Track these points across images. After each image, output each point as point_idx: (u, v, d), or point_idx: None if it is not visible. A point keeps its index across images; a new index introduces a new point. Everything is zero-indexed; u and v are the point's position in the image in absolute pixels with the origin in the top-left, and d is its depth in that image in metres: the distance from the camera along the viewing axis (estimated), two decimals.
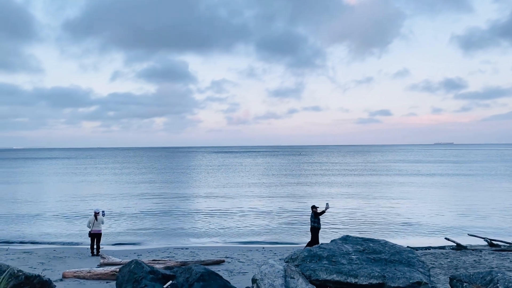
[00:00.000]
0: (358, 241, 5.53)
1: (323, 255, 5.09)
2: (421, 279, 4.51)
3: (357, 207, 30.05)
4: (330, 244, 5.45)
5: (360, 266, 4.77)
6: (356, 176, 58.10)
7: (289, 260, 5.40)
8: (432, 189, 41.57)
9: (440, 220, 25.06)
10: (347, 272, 4.71)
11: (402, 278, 4.48)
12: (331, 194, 38.21)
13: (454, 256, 15.22)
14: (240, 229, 23.21)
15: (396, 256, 4.97)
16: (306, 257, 5.16)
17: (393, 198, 35.07)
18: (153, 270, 5.44)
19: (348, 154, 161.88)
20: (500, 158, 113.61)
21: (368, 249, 5.20)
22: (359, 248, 5.24)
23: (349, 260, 4.90)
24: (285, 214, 27.40)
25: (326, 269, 4.86)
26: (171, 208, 30.56)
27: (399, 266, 4.71)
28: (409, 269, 4.67)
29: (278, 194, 38.55)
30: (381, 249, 5.17)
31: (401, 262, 4.84)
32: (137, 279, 5.09)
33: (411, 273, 4.56)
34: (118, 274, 5.53)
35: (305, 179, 54.51)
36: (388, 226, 23.32)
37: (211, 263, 14.95)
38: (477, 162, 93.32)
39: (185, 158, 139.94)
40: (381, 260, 4.90)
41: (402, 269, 4.64)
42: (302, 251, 5.44)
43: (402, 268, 4.68)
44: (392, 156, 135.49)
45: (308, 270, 4.97)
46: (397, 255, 4.97)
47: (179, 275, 5.35)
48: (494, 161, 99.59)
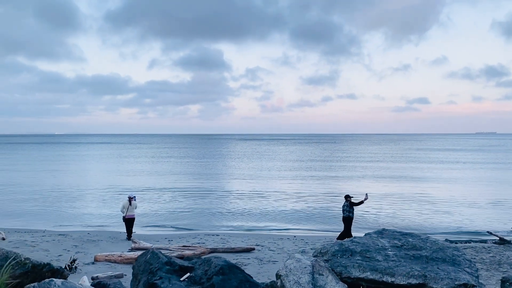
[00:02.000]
0: (396, 235, 5.04)
1: (356, 250, 4.66)
2: (468, 280, 4.03)
3: (392, 197, 29.16)
4: (364, 238, 5.00)
5: (398, 264, 4.31)
6: (392, 165, 56.59)
7: (318, 254, 4.99)
8: (473, 179, 39.85)
9: (482, 213, 23.91)
10: (382, 269, 4.26)
11: (446, 279, 4.01)
12: (366, 183, 37.34)
13: (497, 251, 14.37)
14: (272, 216, 22.98)
15: (439, 253, 4.48)
16: (337, 251, 4.74)
17: (431, 188, 33.83)
18: (170, 261, 5.20)
19: (385, 143, 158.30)
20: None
21: (407, 245, 4.72)
22: (397, 243, 4.76)
23: (385, 257, 4.44)
24: (318, 202, 26.93)
25: (359, 266, 4.44)
26: (205, 194, 30.73)
27: (442, 265, 4.23)
28: (454, 269, 4.17)
29: (311, 181, 38.04)
30: (421, 245, 4.68)
31: (445, 260, 4.36)
32: (152, 270, 4.86)
33: (457, 273, 4.06)
34: (134, 264, 5.35)
35: (339, 167, 53.59)
36: (426, 218, 22.45)
37: (241, 250, 14.80)
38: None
39: (219, 145, 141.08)
40: (421, 257, 4.42)
41: (446, 269, 4.15)
42: (333, 245, 5.01)
43: (446, 267, 4.19)
44: (431, 145, 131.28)
45: (339, 266, 4.55)
46: (440, 252, 4.48)
47: (197, 267, 5.09)
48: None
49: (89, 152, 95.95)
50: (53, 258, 13.80)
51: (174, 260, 5.28)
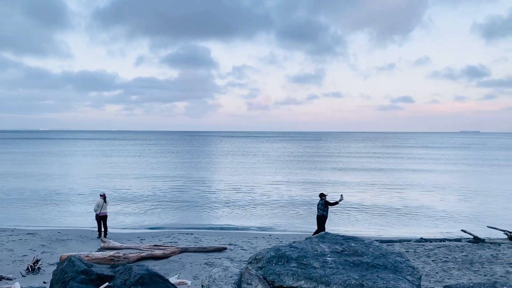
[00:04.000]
0: (338, 239, 4.70)
1: (293, 256, 4.31)
2: None
3: (370, 195, 29.13)
4: (304, 243, 4.66)
5: (335, 271, 3.98)
6: (373, 163, 56.82)
7: (253, 261, 4.64)
8: (452, 177, 40.14)
9: (458, 211, 23.96)
10: (318, 278, 3.92)
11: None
12: (345, 182, 37.30)
13: (470, 250, 14.30)
14: (250, 214, 22.69)
15: (380, 259, 4.17)
16: (272, 258, 4.40)
17: (408, 186, 33.94)
18: (86, 270, 4.83)
19: (369, 141, 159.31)
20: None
21: (348, 250, 4.40)
22: (338, 248, 4.43)
23: (322, 263, 4.11)
24: (297, 200, 26.73)
25: (294, 274, 4.08)
26: (184, 191, 30.28)
27: (383, 272, 3.92)
28: (395, 277, 3.86)
29: (291, 179, 37.86)
30: (363, 250, 4.36)
31: (386, 267, 4.05)
32: (65, 279, 4.50)
33: (396, 282, 3.75)
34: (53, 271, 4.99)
35: (321, 165, 53.57)
36: (402, 216, 22.40)
37: (212, 250, 14.48)
38: (500, 150, 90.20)
39: (204, 142, 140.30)
40: (362, 264, 4.10)
41: (386, 277, 3.84)
42: (269, 251, 4.65)
43: (387, 275, 3.89)
44: (415, 143, 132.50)
45: (272, 274, 4.19)
46: (382, 259, 4.18)
47: (118, 276, 4.74)
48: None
49: (72, 149, 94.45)
50: (16, 258, 13.31)
51: (92, 269, 4.91)
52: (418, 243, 15.59)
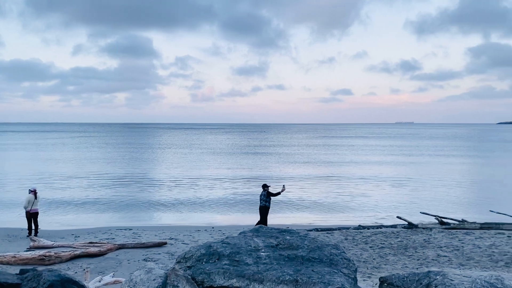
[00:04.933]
0: (273, 233, 4.54)
1: (225, 252, 4.09)
2: (342, 284, 3.63)
3: (311, 185, 29.72)
4: (237, 238, 4.46)
5: (269, 267, 3.81)
6: (314, 155, 58.19)
7: (181, 260, 4.35)
8: (387, 166, 41.98)
9: (393, 198, 25.03)
10: (251, 275, 3.71)
11: (319, 283, 3.59)
12: (287, 172, 37.84)
13: (405, 235, 14.93)
14: (192, 206, 22.26)
15: (316, 252, 4.07)
16: (202, 256, 4.13)
17: (348, 175, 35.05)
18: None
19: (311, 132, 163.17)
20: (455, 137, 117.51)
21: (283, 244, 4.24)
22: (272, 242, 4.27)
23: (256, 259, 3.93)
24: (240, 191, 26.64)
25: (225, 272, 3.85)
26: (122, 186, 29.15)
27: (318, 266, 3.83)
28: (330, 270, 3.78)
29: (235, 171, 37.76)
30: (299, 243, 4.23)
31: (322, 260, 3.96)
32: None
33: (331, 276, 3.67)
34: None
35: (265, 156, 53.99)
36: (341, 204, 23.01)
37: (152, 245, 13.99)
38: (431, 140, 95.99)
39: (146, 135, 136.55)
40: (297, 258, 3.97)
41: (321, 270, 3.73)
42: (199, 248, 4.38)
43: (322, 268, 3.79)
44: (353, 134, 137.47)
45: (201, 274, 3.91)
46: (318, 251, 4.08)
47: (25, 284, 4.29)
48: (448, 139, 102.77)
49: (0, 142, 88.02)
50: None
51: None
52: (357, 230, 16.05)
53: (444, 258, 11.99)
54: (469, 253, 12.46)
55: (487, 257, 12.03)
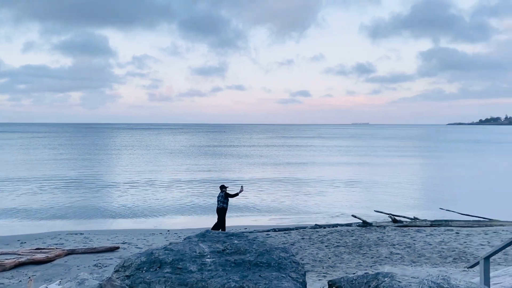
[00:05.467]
0: (220, 237, 4.36)
1: (167, 260, 3.88)
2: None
3: (270, 185, 29.81)
4: (181, 244, 4.25)
5: (215, 274, 3.64)
6: (274, 156, 58.56)
7: (120, 269, 4.11)
8: (343, 165, 42.86)
9: (349, 197, 25.52)
10: (194, 283, 3.52)
11: None
12: (247, 172, 37.80)
13: (359, 234, 15.19)
14: (148, 209, 21.67)
15: (264, 256, 3.93)
16: (142, 264, 3.91)
17: (305, 174, 35.46)
18: None
19: (271, 133, 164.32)
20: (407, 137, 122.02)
21: (230, 249, 4.09)
22: (219, 247, 4.10)
23: (201, 266, 3.74)
24: (198, 194, 26.27)
25: (167, 281, 3.62)
26: (74, 189, 27.98)
27: (266, 271, 3.70)
28: (278, 275, 3.66)
29: (194, 172, 37.27)
30: (247, 248, 4.09)
31: (270, 264, 3.83)
32: None
33: (279, 281, 3.55)
34: None
35: (225, 156, 53.71)
36: (299, 205, 23.18)
37: (103, 250, 13.45)
38: (385, 140, 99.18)
39: (101, 135, 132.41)
40: (244, 263, 3.82)
41: (269, 276, 3.61)
42: (140, 256, 4.15)
43: (270, 273, 3.66)
44: (311, 134, 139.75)
45: (141, 283, 3.68)
46: (266, 255, 3.94)
47: None
48: (401, 139, 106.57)
49: None
50: None
51: None
52: (313, 229, 16.17)
53: (397, 255, 12.27)
54: (420, 250, 12.82)
55: (437, 253, 12.42)
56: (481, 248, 12.80)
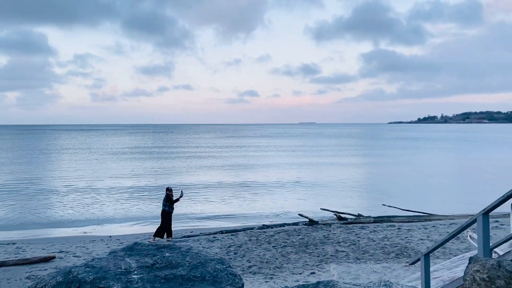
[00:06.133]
0: (150, 250, 4.02)
1: (88, 278, 3.52)
2: None
3: (217, 189, 29.47)
4: (105, 259, 3.87)
5: None
6: (223, 157, 58.22)
7: None
8: (290, 165, 43.34)
9: (296, 196, 25.73)
10: None
11: None
12: (194, 175, 37.22)
13: (306, 232, 15.27)
14: (86, 215, 20.58)
15: (198, 269, 3.66)
16: (58, 284, 3.47)
17: (253, 176, 35.46)
18: None
19: (219, 133, 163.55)
20: (351, 136, 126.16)
21: (160, 262, 3.78)
22: (148, 262, 3.78)
23: (126, 284, 3.40)
24: (144, 196, 25.40)
25: None
26: (5, 194, 26.08)
27: (199, 286, 3.44)
28: None
29: (139, 174, 36.10)
30: (179, 261, 3.80)
31: (204, 278, 3.57)
32: None
33: None
34: None
35: (172, 158, 52.59)
36: (246, 205, 23.04)
37: (38, 260, 12.52)
38: (332, 138, 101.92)
39: (40, 137, 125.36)
40: (176, 278, 3.53)
41: None
42: (56, 275, 3.73)
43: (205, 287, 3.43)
44: (259, 134, 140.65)
45: None
46: (200, 268, 3.68)
47: None
48: (346, 138, 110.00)
49: None
50: None
51: None
52: (261, 230, 16.07)
53: (342, 253, 12.42)
54: (364, 246, 13.06)
55: (380, 249, 12.71)
56: (421, 243, 13.28)
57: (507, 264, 2.53)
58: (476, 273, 2.67)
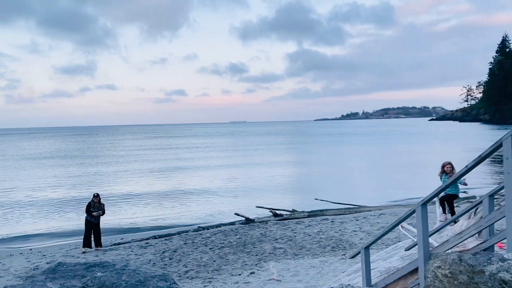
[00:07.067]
0: (78, 270, 3.49)
1: None
2: None
3: (148, 191, 28.39)
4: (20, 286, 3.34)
5: None
6: (152, 156, 56.49)
7: None
8: (222, 165, 43.08)
9: (230, 194, 25.50)
10: None
11: None
12: (119, 178, 35.64)
13: (243, 232, 15.09)
14: (4, 226, 18.72)
15: None
16: None
17: (183, 177, 34.73)
18: None
19: (147, 133, 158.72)
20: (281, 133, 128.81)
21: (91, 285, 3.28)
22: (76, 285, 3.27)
23: None
24: (64, 206, 23.68)
25: None
26: None
27: None
28: None
29: (56, 183, 33.73)
30: (114, 281, 3.32)
31: None
32: None
33: None
34: None
35: (96, 162, 49.89)
36: (179, 208, 22.35)
37: None
38: (260, 137, 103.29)
39: None
40: None
41: None
42: None
43: None
44: (189, 134, 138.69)
45: None
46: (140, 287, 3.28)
47: None
48: (276, 135, 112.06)
49: None
50: None
51: None
52: (196, 232, 15.62)
53: (280, 250, 12.39)
54: (301, 242, 13.16)
55: (316, 243, 12.87)
56: (354, 235, 13.66)
57: (468, 258, 2.45)
58: (438, 270, 2.56)
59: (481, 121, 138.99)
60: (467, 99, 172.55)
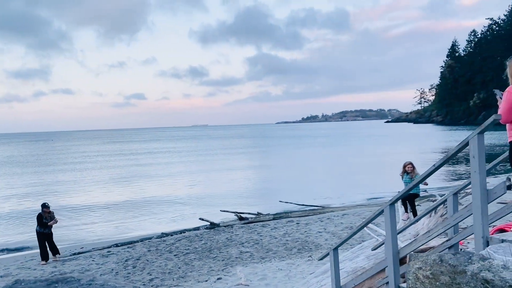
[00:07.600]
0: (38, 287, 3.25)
1: None
2: None
3: (104, 196, 27.55)
4: None
5: None
6: (113, 164, 54.92)
7: None
8: (183, 168, 42.51)
9: (194, 199, 25.14)
10: None
11: None
12: (74, 183, 34.42)
13: (208, 237, 14.87)
14: None
15: None
16: None
17: (144, 181, 33.99)
18: None
19: (105, 138, 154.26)
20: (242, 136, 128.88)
21: None
22: None
23: None
24: (19, 213, 22.54)
25: None
26: None
27: None
28: None
29: (5, 193, 32.13)
30: None
31: None
32: None
33: None
34: None
35: (53, 170, 47.89)
36: (140, 213, 21.79)
37: None
38: (221, 140, 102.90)
39: None
40: None
41: None
42: None
43: None
44: (149, 138, 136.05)
45: None
46: None
47: None
48: (237, 138, 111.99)
49: None
50: None
51: None
52: (160, 239, 15.23)
53: (247, 254, 12.28)
54: (267, 245, 13.11)
55: (283, 246, 12.86)
56: (319, 236, 13.76)
57: (449, 258, 2.44)
58: (419, 271, 2.55)
59: (434, 122, 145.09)
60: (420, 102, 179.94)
